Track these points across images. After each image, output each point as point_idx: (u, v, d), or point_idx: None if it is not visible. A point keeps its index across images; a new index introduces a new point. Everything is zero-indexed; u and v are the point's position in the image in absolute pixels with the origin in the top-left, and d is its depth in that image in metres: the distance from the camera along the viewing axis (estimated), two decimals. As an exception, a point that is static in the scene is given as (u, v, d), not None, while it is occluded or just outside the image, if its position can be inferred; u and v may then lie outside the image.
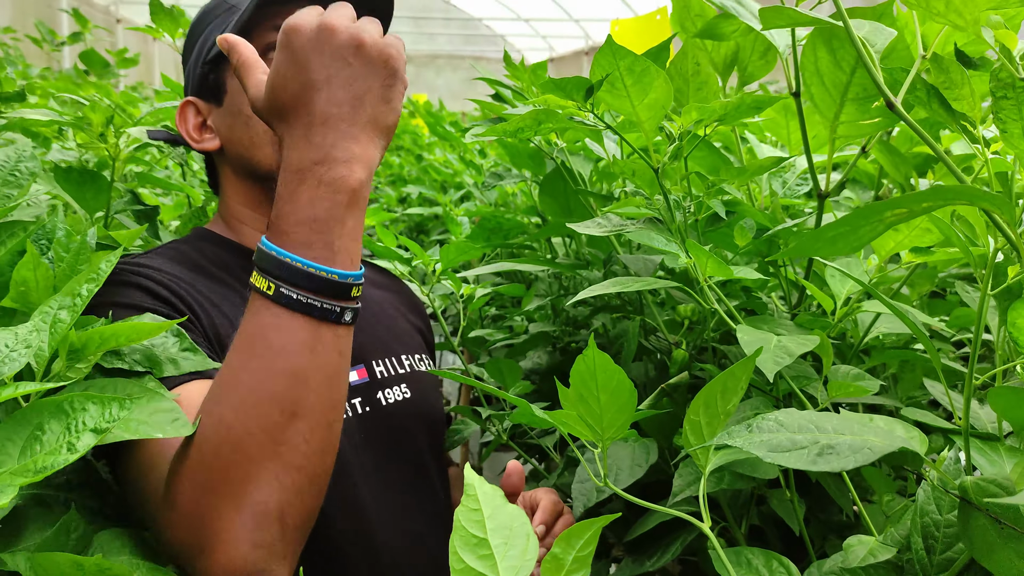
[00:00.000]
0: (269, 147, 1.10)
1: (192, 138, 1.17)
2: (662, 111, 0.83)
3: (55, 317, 0.73)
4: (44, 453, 0.63)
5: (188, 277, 1.03)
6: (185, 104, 1.17)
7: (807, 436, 0.57)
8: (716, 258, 0.82)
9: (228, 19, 1.11)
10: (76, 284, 0.75)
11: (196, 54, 1.16)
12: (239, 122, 1.12)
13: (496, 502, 0.52)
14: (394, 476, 1.16)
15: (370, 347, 1.19)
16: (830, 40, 0.78)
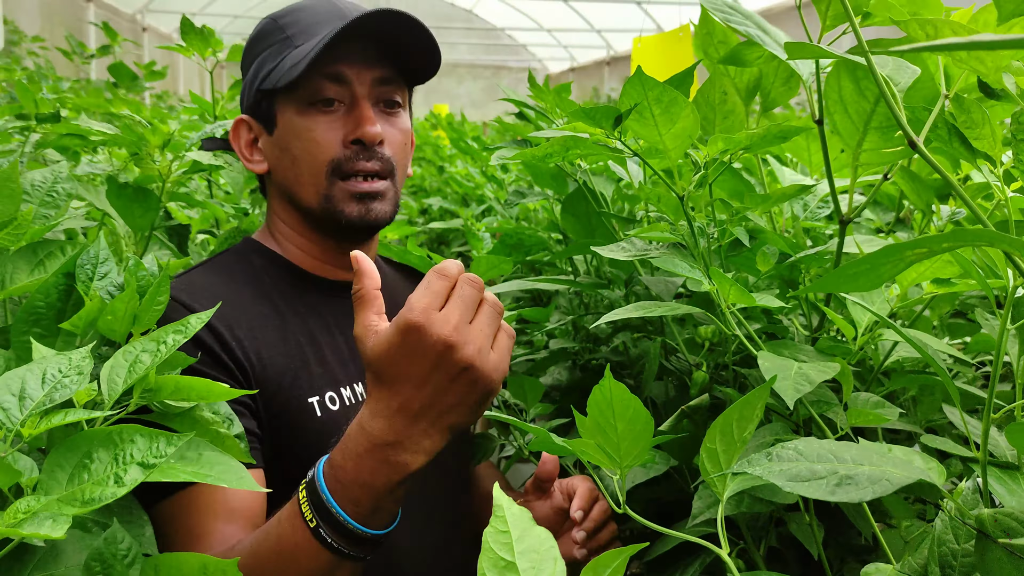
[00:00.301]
0: (311, 187, 1.14)
1: (244, 156, 1.22)
2: (689, 140, 0.84)
3: (137, 357, 0.76)
4: (91, 482, 0.64)
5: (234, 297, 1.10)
6: (239, 122, 1.22)
7: (826, 466, 0.58)
8: (738, 286, 0.83)
9: (283, 51, 1.13)
10: (164, 333, 0.79)
11: (252, 76, 1.18)
12: (286, 158, 1.16)
13: (524, 525, 0.53)
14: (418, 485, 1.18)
15: None
16: (854, 70, 0.79)
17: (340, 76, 1.13)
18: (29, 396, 0.70)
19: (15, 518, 0.61)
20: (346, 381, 1.14)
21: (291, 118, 1.14)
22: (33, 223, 1.01)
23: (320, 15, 1.15)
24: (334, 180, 1.14)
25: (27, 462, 0.68)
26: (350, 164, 1.13)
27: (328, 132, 1.13)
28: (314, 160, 1.13)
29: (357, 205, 1.14)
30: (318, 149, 1.13)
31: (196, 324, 0.81)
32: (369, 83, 1.15)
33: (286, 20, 1.17)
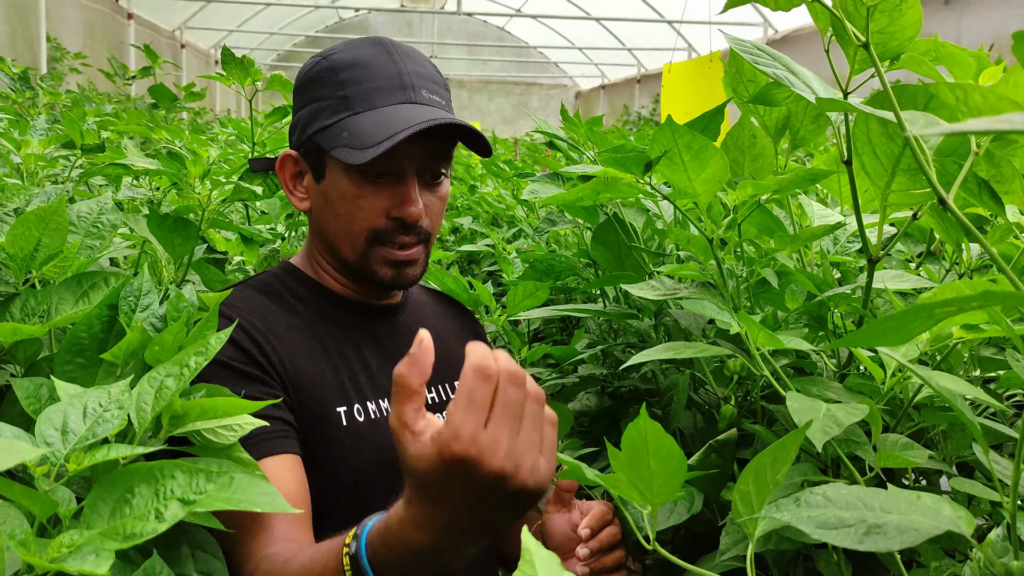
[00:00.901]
0: (349, 245, 1.18)
1: (288, 188, 1.25)
2: (718, 185, 0.85)
3: (162, 383, 0.78)
4: (133, 517, 0.66)
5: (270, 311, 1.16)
6: (287, 156, 1.24)
7: (854, 514, 0.58)
8: (766, 331, 0.84)
9: (339, 111, 1.14)
10: (186, 355, 0.80)
11: (305, 120, 1.19)
12: (329, 211, 1.19)
13: (553, 569, 0.53)
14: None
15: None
16: (879, 115, 0.80)
17: (393, 152, 1.12)
18: (71, 430, 0.72)
19: (59, 552, 0.62)
20: (372, 396, 1.18)
21: (340, 177, 1.17)
22: (79, 254, 1.04)
23: (379, 80, 1.15)
24: (372, 244, 1.18)
25: (65, 493, 0.70)
26: (389, 236, 1.17)
27: (373, 202, 1.16)
28: (355, 224, 1.17)
29: (391, 270, 1.19)
30: (361, 215, 1.16)
31: (216, 345, 0.83)
32: (419, 161, 1.17)
33: (346, 76, 1.16)
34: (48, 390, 0.88)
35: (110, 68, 3.91)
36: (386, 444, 1.14)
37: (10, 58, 2.83)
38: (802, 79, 0.88)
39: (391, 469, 1.14)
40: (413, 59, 1.19)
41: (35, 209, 1.00)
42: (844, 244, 1.15)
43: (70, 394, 0.78)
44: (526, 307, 1.41)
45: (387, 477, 1.15)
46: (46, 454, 0.69)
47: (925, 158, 0.60)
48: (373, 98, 1.14)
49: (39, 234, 1.01)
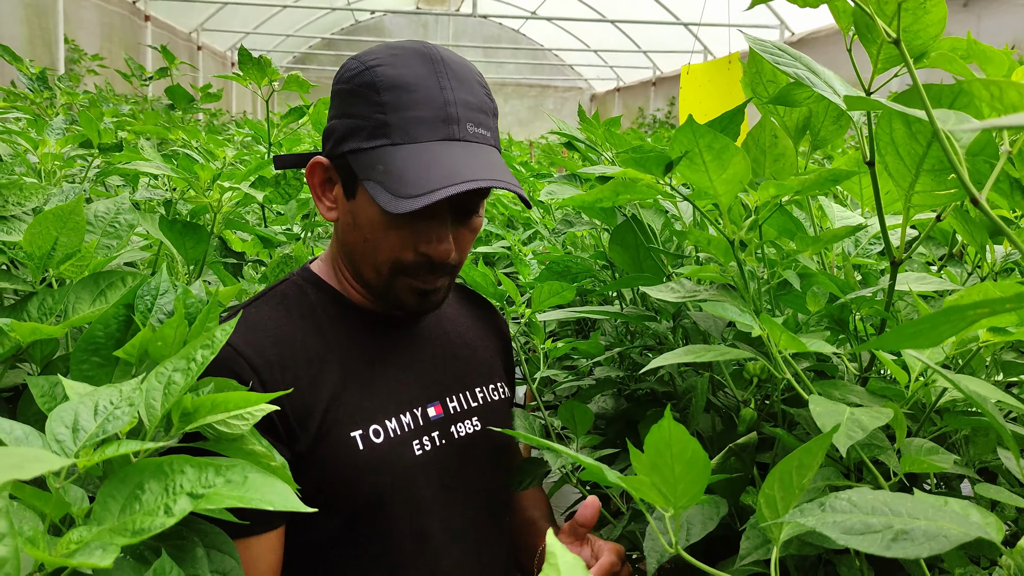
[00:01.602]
0: (373, 270, 1.14)
1: (316, 195, 1.19)
2: (739, 185, 0.84)
3: (169, 379, 0.77)
4: (142, 513, 0.65)
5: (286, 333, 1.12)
6: (317, 163, 1.17)
7: (881, 519, 0.57)
8: (789, 333, 0.83)
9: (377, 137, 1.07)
10: (192, 349, 0.79)
11: (340, 134, 1.12)
12: (356, 232, 1.14)
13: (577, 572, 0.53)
14: (462, 506, 1.21)
15: (447, 383, 1.25)
16: (906, 114, 0.78)
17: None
18: (82, 428, 0.72)
19: (67, 548, 0.62)
20: (394, 412, 1.16)
21: (370, 205, 1.10)
22: (96, 254, 1.04)
23: (422, 107, 1.07)
24: (397, 275, 1.14)
25: (77, 492, 0.70)
26: (415, 271, 1.13)
27: (402, 235, 1.11)
28: (382, 254, 1.12)
29: (415, 298, 1.16)
30: (388, 246, 1.12)
31: (221, 337, 0.82)
32: (455, 205, 1.12)
33: (387, 98, 1.07)
34: (63, 388, 0.88)
35: (127, 69, 3.93)
36: (405, 463, 1.14)
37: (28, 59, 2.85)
38: (824, 79, 0.87)
39: (409, 488, 1.13)
40: (461, 82, 1.11)
41: (53, 208, 1.00)
42: (865, 246, 1.13)
43: (81, 392, 0.78)
44: (551, 304, 1.40)
45: (406, 498, 1.13)
46: (56, 452, 0.69)
47: (957, 156, 0.59)
48: (414, 130, 1.06)
49: (57, 233, 1.01)
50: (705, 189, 0.85)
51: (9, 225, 1.10)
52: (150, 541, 0.74)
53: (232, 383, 0.91)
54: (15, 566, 0.57)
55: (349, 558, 1.11)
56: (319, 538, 1.11)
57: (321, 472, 1.07)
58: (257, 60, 1.57)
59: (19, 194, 1.14)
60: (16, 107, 2.33)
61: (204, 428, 0.81)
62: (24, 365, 1.06)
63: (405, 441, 1.15)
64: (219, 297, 1.12)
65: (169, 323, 0.88)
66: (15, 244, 1.09)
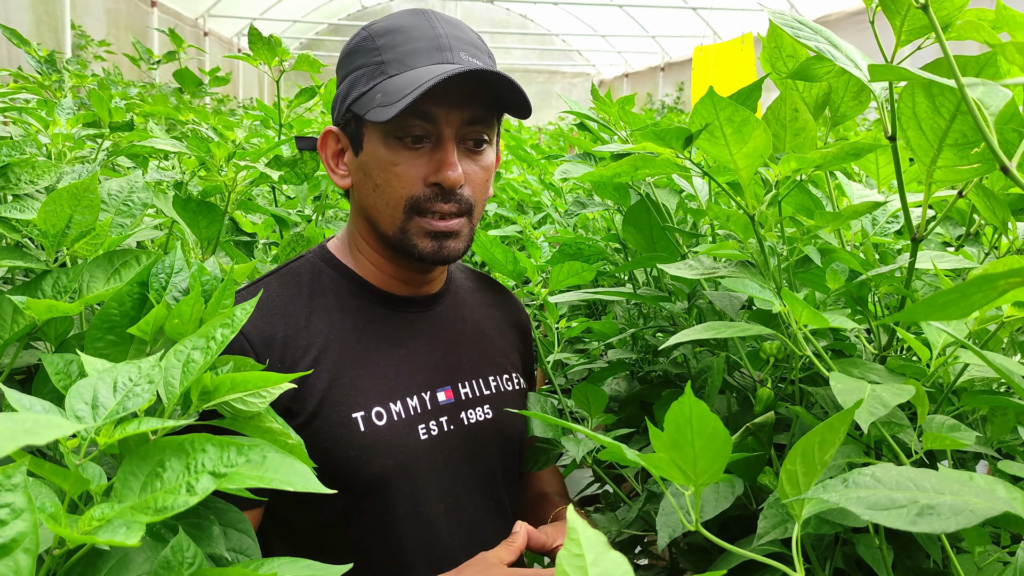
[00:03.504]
0: (388, 217, 1.15)
1: (330, 167, 1.22)
2: (760, 159, 0.83)
3: (189, 357, 0.77)
4: (164, 491, 0.65)
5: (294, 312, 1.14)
6: (328, 132, 1.21)
7: (906, 495, 0.56)
8: (810, 308, 0.82)
9: (375, 76, 1.12)
10: (211, 327, 0.79)
11: (344, 91, 1.17)
12: (368, 183, 1.16)
13: (599, 548, 0.52)
14: (469, 493, 1.21)
15: (459, 369, 1.25)
16: (930, 86, 0.77)
17: (429, 115, 1.11)
18: (102, 404, 0.72)
19: (90, 525, 0.62)
20: (401, 395, 1.16)
21: (377, 146, 1.14)
22: (110, 232, 1.03)
23: (417, 42, 1.12)
24: (411, 215, 1.14)
25: (95, 469, 0.69)
26: (428, 204, 1.13)
27: (411, 168, 1.12)
28: (394, 193, 1.13)
29: (431, 242, 1.15)
30: (399, 183, 1.13)
31: (242, 316, 0.82)
32: (457, 124, 1.13)
33: (383, 41, 1.14)
34: (78, 366, 0.87)
35: (134, 54, 3.92)
36: (409, 446, 1.13)
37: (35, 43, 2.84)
38: (845, 53, 0.85)
39: (413, 471, 1.13)
40: (454, 25, 1.16)
41: (67, 186, 1.00)
42: (883, 225, 1.12)
43: (99, 369, 0.78)
44: (570, 284, 1.39)
45: (409, 481, 1.13)
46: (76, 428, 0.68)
47: (986, 123, 0.58)
48: (409, 60, 1.11)
49: (71, 211, 1.01)
50: (725, 163, 0.84)
51: (23, 203, 1.09)
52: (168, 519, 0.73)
53: (249, 361, 0.90)
54: (34, 541, 0.56)
55: (353, 539, 1.11)
56: (322, 518, 1.11)
57: (321, 452, 1.07)
58: (267, 39, 1.56)
59: (32, 172, 1.14)
60: (26, 88, 2.33)
61: (221, 406, 0.81)
62: (38, 344, 1.06)
63: (410, 424, 1.15)
64: (234, 275, 1.12)
65: (186, 300, 0.88)
66: (29, 222, 1.08)
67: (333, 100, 1.22)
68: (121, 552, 0.68)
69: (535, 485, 1.42)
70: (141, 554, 0.69)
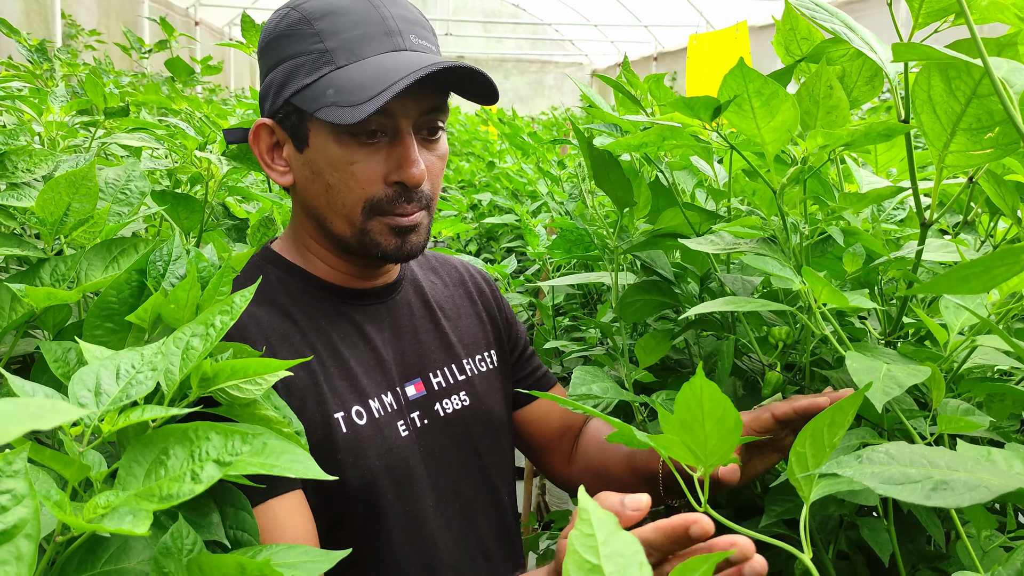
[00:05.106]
0: (344, 219, 1.08)
1: (265, 162, 1.12)
2: (788, 134, 0.82)
3: (188, 344, 0.76)
4: (168, 479, 0.64)
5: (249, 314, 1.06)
6: (260, 126, 1.11)
7: (920, 470, 0.56)
8: (831, 286, 0.81)
9: (320, 67, 1.03)
10: (211, 315, 0.78)
11: (279, 81, 1.06)
12: (318, 182, 1.08)
13: (610, 528, 0.51)
14: (457, 487, 1.17)
15: (429, 359, 1.19)
16: (946, 69, 0.76)
17: (387, 110, 1.03)
18: (105, 392, 0.71)
19: (95, 512, 0.61)
20: (374, 392, 1.10)
21: (326, 143, 1.04)
22: (108, 221, 1.02)
23: (363, 27, 1.03)
24: (371, 216, 1.07)
25: (95, 456, 0.69)
26: (391, 205, 1.06)
27: (368, 167, 1.04)
28: (351, 194, 1.06)
29: (394, 239, 1.08)
30: (356, 184, 1.05)
31: (241, 303, 0.81)
32: (415, 115, 1.06)
33: (322, 25, 1.03)
34: (77, 354, 0.86)
35: (125, 44, 3.89)
36: (392, 443, 1.09)
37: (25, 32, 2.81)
38: (860, 35, 0.85)
39: (399, 471, 1.08)
40: (396, 3, 1.07)
41: (66, 173, 0.99)
42: (890, 212, 1.12)
43: (99, 356, 0.77)
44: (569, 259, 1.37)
45: (397, 481, 1.08)
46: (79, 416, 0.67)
47: (1011, 100, 0.57)
48: (358, 48, 1.02)
49: (69, 199, 1.00)
50: (752, 137, 0.83)
51: (20, 192, 1.08)
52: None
53: (247, 348, 0.89)
54: (35, 527, 0.56)
55: (345, 542, 1.03)
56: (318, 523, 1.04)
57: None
58: (260, 27, 1.54)
59: (28, 160, 1.12)
60: (18, 76, 2.30)
61: (217, 393, 0.80)
62: (36, 332, 1.05)
63: (390, 422, 1.10)
64: (232, 262, 1.10)
65: (182, 285, 0.86)
66: (26, 210, 1.07)
67: (260, 91, 1.11)
68: (121, 539, 0.68)
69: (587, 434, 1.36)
70: (141, 541, 0.69)
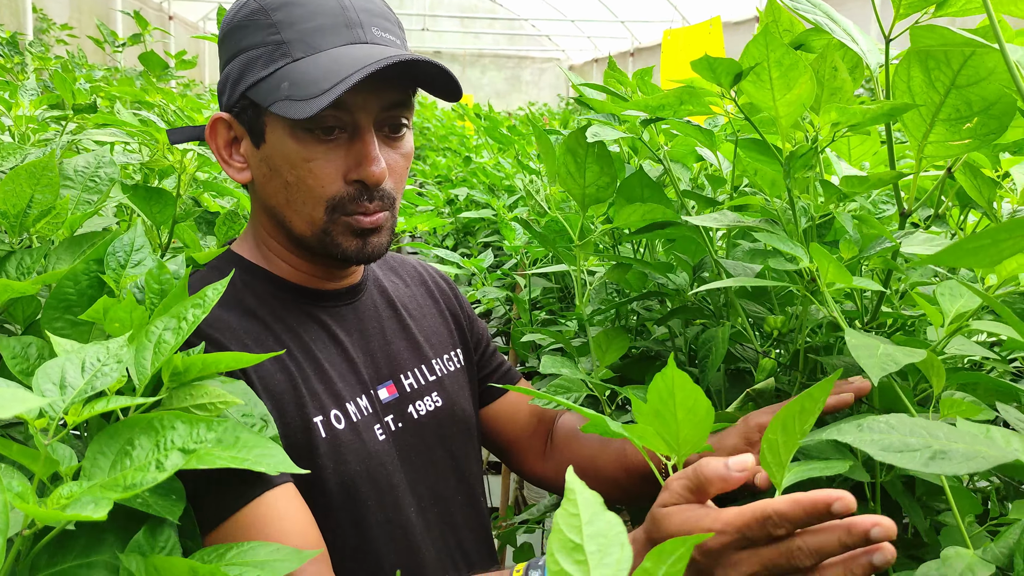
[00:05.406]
0: (305, 218, 1.04)
1: (222, 158, 1.08)
2: (801, 109, 0.82)
3: (160, 338, 0.75)
4: (133, 468, 0.64)
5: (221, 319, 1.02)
6: (217, 120, 1.07)
7: (919, 440, 0.57)
8: (839, 264, 0.81)
9: (276, 59, 0.99)
10: (183, 308, 0.76)
11: (236, 73, 1.03)
12: (276, 180, 1.04)
13: (595, 508, 0.51)
14: (435, 490, 1.15)
15: (399, 360, 1.17)
16: (926, 60, 0.77)
17: (343, 104, 0.99)
18: (70, 385, 0.70)
19: (58, 503, 0.61)
20: (350, 396, 1.07)
21: (283, 139, 1.01)
22: (77, 209, 1.00)
23: (320, 18, 0.99)
24: (334, 215, 1.03)
25: (66, 451, 0.68)
26: (352, 205, 1.03)
27: (327, 165, 1.01)
28: (310, 193, 1.02)
29: (356, 240, 1.05)
30: (315, 183, 1.01)
31: (213, 296, 0.79)
32: (375, 111, 1.02)
33: (279, 16, 0.99)
34: (37, 349, 0.84)
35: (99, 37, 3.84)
36: (371, 448, 1.06)
37: (-4, 25, 2.77)
38: (842, 27, 0.85)
39: (379, 475, 1.06)
40: None
41: (25, 165, 0.97)
42: (875, 200, 1.13)
43: (67, 349, 0.75)
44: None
45: (376, 485, 1.05)
46: (44, 408, 0.66)
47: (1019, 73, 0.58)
48: (315, 40, 0.98)
49: (31, 190, 0.97)
50: (766, 108, 0.82)
51: (-13, 185, 1.05)
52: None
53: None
54: (4, 520, 0.56)
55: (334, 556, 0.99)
56: None
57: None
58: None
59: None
60: (-14, 69, 2.27)
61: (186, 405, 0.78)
62: (8, 326, 1.02)
63: (367, 426, 1.07)
64: (197, 259, 1.07)
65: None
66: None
67: (220, 81, 1.07)
68: (92, 534, 0.67)
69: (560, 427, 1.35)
70: (111, 535, 0.68)
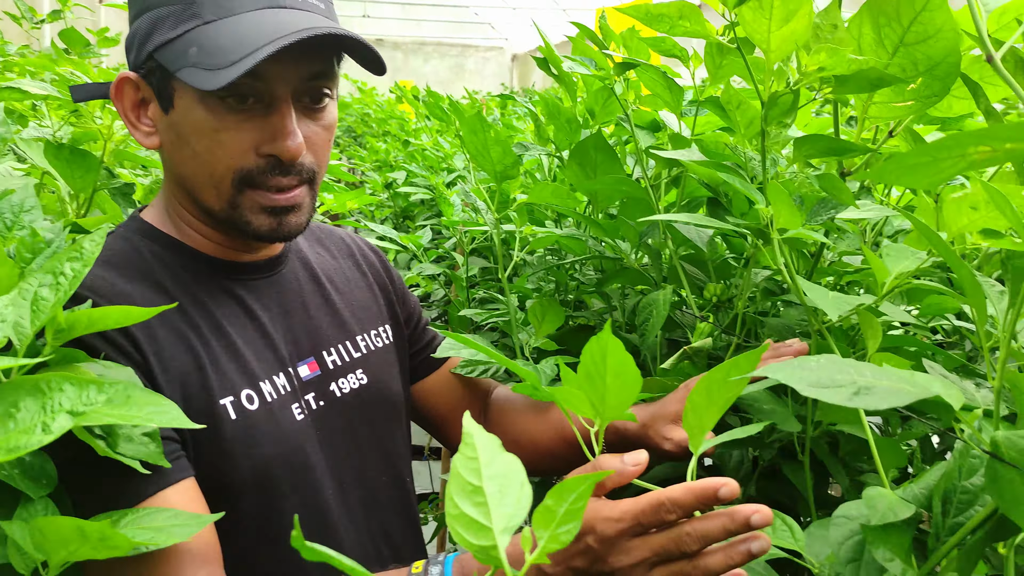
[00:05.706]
0: (213, 190, 0.97)
1: (129, 121, 1.00)
2: (793, 47, 0.80)
3: (36, 294, 0.71)
4: (17, 431, 0.61)
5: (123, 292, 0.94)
6: (124, 80, 0.98)
7: (846, 377, 0.59)
8: (795, 208, 0.81)
9: (185, 21, 0.91)
10: (58, 262, 0.73)
11: (144, 32, 0.95)
12: (184, 149, 0.96)
13: (493, 451, 0.51)
14: (357, 472, 1.09)
15: (321, 336, 1.10)
16: (877, 17, 0.78)
17: (259, 74, 0.91)
18: (-52, 346, 0.67)
19: (-66, 468, 0.58)
20: (265, 375, 1.00)
21: (192, 106, 0.93)
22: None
23: None
24: (242, 188, 0.96)
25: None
26: (263, 177, 0.96)
27: (238, 136, 0.93)
28: (219, 164, 0.94)
29: (268, 218, 0.98)
30: (224, 153, 0.94)
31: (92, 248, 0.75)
32: (295, 82, 0.95)
33: None
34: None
35: (16, 12, 3.70)
36: (287, 429, 0.99)
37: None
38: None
39: (296, 459, 1.00)
40: None
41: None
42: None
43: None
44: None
45: (293, 468, 0.99)
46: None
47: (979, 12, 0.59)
48: (228, 1, 0.91)
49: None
50: (760, 40, 0.81)
51: None
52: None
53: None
54: None
55: (245, 545, 0.95)
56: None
57: (194, 450, 0.92)
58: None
59: None
60: None
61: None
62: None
63: (283, 405, 1.00)
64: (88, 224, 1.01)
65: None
66: None
67: (128, 37, 0.99)
68: None
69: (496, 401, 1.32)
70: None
